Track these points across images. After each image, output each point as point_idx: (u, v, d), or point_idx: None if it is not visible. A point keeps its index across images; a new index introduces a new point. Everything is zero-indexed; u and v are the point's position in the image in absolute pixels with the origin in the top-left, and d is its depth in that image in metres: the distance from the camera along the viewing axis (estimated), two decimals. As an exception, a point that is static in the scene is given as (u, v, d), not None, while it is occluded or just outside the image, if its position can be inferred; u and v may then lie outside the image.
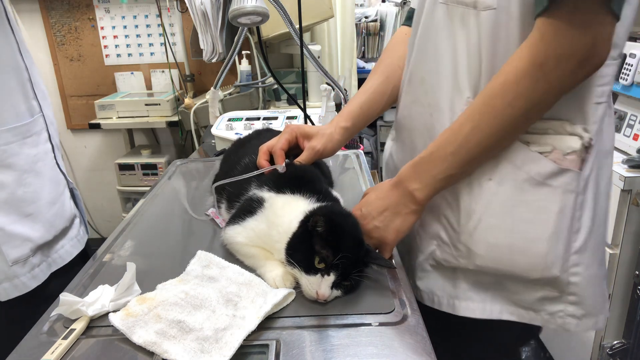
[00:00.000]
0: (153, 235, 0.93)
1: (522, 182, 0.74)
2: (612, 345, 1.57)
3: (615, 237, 1.48)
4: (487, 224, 0.76)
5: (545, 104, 0.69)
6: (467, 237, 0.78)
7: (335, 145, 0.92)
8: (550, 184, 0.73)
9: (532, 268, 0.76)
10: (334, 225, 0.70)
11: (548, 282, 0.77)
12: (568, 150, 0.73)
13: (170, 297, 0.67)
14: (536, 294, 0.79)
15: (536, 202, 0.74)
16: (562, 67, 0.64)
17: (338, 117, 0.95)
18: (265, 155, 0.90)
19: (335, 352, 0.61)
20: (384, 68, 0.97)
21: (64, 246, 1.07)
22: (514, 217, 0.75)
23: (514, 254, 0.76)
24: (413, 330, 0.65)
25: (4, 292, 0.94)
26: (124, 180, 2.69)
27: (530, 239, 0.75)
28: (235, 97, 2.17)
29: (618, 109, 1.61)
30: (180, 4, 2.63)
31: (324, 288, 0.69)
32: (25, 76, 1.01)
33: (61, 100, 2.90)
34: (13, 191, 0.95)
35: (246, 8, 1.24)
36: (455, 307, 0.83)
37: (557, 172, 0.73)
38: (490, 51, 0.73)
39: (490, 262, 0.78)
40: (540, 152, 0.73)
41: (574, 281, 0.76)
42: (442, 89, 0.80)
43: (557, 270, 0.75)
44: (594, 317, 0.79)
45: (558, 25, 0.63)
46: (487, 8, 0.71)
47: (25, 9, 2.73)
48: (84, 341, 0.65)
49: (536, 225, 0.74)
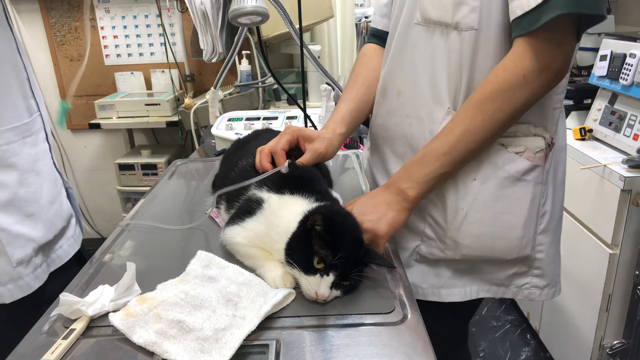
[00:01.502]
0: (153, 235, 0.93)
1: (502, 180, 0.86)
2: (612, 345, 1.57)
3: (615, 237, 1.48)
4: (473, 219, 0.87)
5: (526, 108, 0.80)
6: (454, 232, 0.89)
7: (334, 150, 0.97)
8: (525, 179, 0.86)
9: (510, 251, 0.89)
10: (332, 224, 0.70)
11: (520, 260, 0.91)
12: (537, 149, 0.86)
13: (170, 297, 0.66)
14: (508, 271, 0.93)
15: (514, 195, 0.86)
16: (543, 78, 0.76)
17: (333, 124, 1.00)
18: (267, 157, 0.90)
19: (335, 352, 0.61)
20: (364, 78, 1.05)
21: (62, 246, 1.07)
22: (496, 210, 0.87)
23: (496, 241, 0.88)
24: (413, 330, 0.65)
25: (9, 294, 0.94)
26: (124, 180, 2.69)
27: (509, 226, 0.88)
28: (235, 97, 2.17)
29: (618, 109, 1.61)
30: (180, 4, 2.63)
31: (323, 288, 0.69)
32: (24, 75, 1.00)
33: (61, 100, 2.90)
34: (15, 191, 0.94)
35: (246, 8, 1.24)
36: (440, 295, 0.95)
37: (531, 168, 0.86)
38: (470, 66, 0.83)
39: (475, 251, 0.89)
40: (516, 153, 0.85)
41: (539, 257, 0.92)
42: (421, 101, 0.90)
43: (529, 250, 0.90)
44: (554, 287, 0.96)
45: (538, 44, 0.75)
46: (470, 29, 0.81)
47: (25, 9, 2.73)
48: (84, 341, 0.65)
49: (514, 214, 0.87)
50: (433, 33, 0.86)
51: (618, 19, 2.04)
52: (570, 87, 1.85)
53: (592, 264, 1.59)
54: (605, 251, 1.51)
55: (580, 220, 1.67)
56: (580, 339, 1.69)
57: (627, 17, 2.19)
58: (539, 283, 0.94)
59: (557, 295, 0.97)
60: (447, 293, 0.95)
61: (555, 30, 0.74)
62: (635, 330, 1.48)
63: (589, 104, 1.79)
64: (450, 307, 0.97)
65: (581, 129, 1.69)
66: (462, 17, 0.81)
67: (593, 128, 1.69)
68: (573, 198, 1.71)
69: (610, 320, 1.57)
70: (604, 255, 1.51)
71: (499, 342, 2.19)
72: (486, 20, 0.81)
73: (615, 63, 1.59)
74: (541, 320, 2.02)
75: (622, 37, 1.64)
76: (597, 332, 1.60)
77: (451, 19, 0.83)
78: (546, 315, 1.98)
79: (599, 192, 1.53)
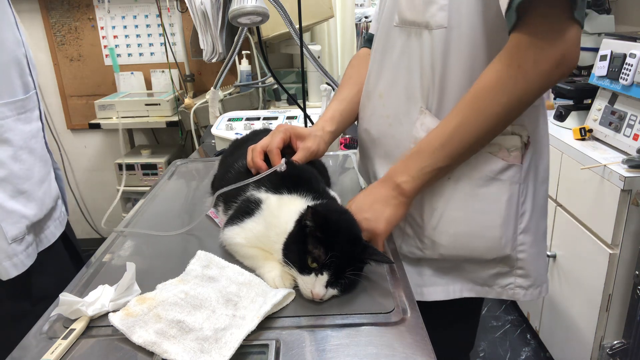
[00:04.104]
0: (153, 235, 0.93)
1: (477, 179, 0.85)
2: (612, 345, 1.57)
3: (615, 237, 1.48)
4: (448, 218, 0.87)
5: (525, 101, 0.77)
6: (431, 231, 0.89)
7: (325, 147, 0.99)
8: (500, 178, 0.85)
9: (489, 251, 0.88)
10: (325, 222, 0.70)
11: (501, 260, 0.90)
12: (512, 148, 0.85)
13: (170, 297, 0.66)
14: (490, 271, 0.91)
15: (489, 195, 0.86)
16: (539, 69, 0.72)
17: (323, 122, 1.01)
18: (260, 155, 0.90)
19: (335, 352, 0.61)
20: (355, 80, 1.06)
21: (49, 226, 1.06)
22: (471, 209, 0.86)
23: (473, 241, 0.88)
24: (413, 330, 0.65)
25: (5, 272, 0.93)
26: (124, 180, 2.68)
27: (486, 226, 0.87)
28: (235, 97, 2.17)
29: (618, 109, 1.61)
30: (180, 4, 2.63)
31: (317, 287, 0.69)
32: (22, 51, 0.99)
33: (61, 100, 2.90)
34: (10, 167, 0.93)
35: (246, 8, 1.24)
36: (423, 294, 0.94)
37: (505, 167, 0.85)
38: (442, 65, 0.83)
39: (453, 250, 0.89)
40: (490, 152, 0.84)
41: (521, 257, 0.90)
42: (399, 100, 0.90)
43: (508, 250, 0.88)
44: (539, 287, 0.93)
45: (529, 36, 0.72)
46: (439, 27, 0.81)
47: (25, 9, 2.73)
48: (83, 341, 0.65)
49: (490, 214, 0.86)
50: (409, 34, 0.87)
51: (618, 19, 2.04)
52: (570, 87, 1.85)
53: (592, 264, 1.59)
54: (605, 251, 1.51)
55: (580, 220, 1.67)
56: (580, 339, 1.69)
57: (627, 17, 2.19)
58: (523, 283, 0.92)
59: (544, 295, 0.95)
60: (429, 292, 0.94)
61: (547, 18, 0.71)
62: (635, 330, 1.48)
63: (589, 104, 1.79)
64: (453, 314, 0.97)
65: (581, 129, 1.69)
66: (431, 15, 0.82)
67: (593, 128, 1.69)
68: (573, 198, 1.71)
69: (610, 320, 1.57)
70: (604, 255, 1.51)
71: (499, 342, 2.19)
72: (456, 18, 0.80)
73: (615, 63, 1.59)
74: (541, 320, 2.02)
75: (622, 37, 1.64)
76: (597, 332, 1.60)
77: (422, 18, 0.83)
78: (546, 315, 1.98)
79: (599, 192, 1.53)
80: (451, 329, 1.01)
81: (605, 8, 1.87)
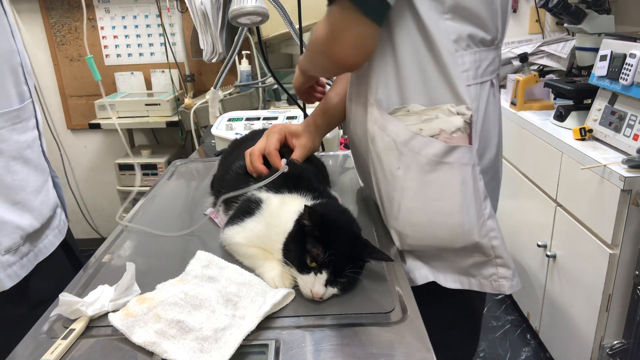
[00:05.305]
0: (153, 235, 0.93)
1: (424, 165, 0.83)
2: (612, 345, 1.57)
3: (615, 237, 1.48)
4: (406, 207, 0.85)
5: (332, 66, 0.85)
6: (394, 222, 0.87)
7: (319, 141, 1.03)
8: (447, 162, 0.82)
9: (454, 238, 0.84)
10: (320, 219, 0.70)
11: (474, 248, 0.85)
12: (453, 129, 0.82)
13: (169, 297, 0.67)
14: (468, 260, 0.88)
15: (440, 180, 0.83)
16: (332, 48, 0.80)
17: (314, 117, 1.04)
18: (259, 159, 0.90)
19: (335, 352, 0.61)
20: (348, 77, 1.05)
21: (48, 236, 1.05)
22: (426, 196, 0.84)
23: (435, 229, 0.84)
24: (413, 329, 0.65)
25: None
26: (124, 180, 2.69)
27: (444, 212, 0.83)
28: (235, 97, 2.17)
29: (618, 109, 1.61)
30: (180, 4, 2.63)
31: (317, 286, 0.69)
32: (17, 60, 0.98)
33: (61, 100, 2.90)
34: (1, 178, 0.92)
35: (246, 8, 1.24)
36: (412, 280, 0.90)
37: (449, 149, 0.82)
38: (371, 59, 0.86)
39: (419, 240, 0.86)
40: (431, 136, 0.83)
41: (495, 244, 0.85)
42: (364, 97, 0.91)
43: (476, 236, 0.84)
44: (516, 277, 0.89)
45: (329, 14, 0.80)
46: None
47: (25, 9, 2.73)
48: (83, 341, 0.65)
49: (445, 200, 0.83)
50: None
51: (618, 19, 2.04)
52: (570, 87, 1.84)
53: (592, 264, 1.59)
54: (605, 251, 1.51)
55: (580, 220, 1.67)
56: (580, 339, 1.69)
57: (627, 17, 2.19)
58: (506, 273, 0.88)
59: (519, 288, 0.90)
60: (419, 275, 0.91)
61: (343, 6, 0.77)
62: (635, 330, 1.48)
63: (589, 104, 1.78)
64: (453, 314, 0.96)
65: (581, 129, 1.69)
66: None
67: (593, 128, 1.69)
68: (573, 198, 1.71)
69: (610, 320, 1.57)
70: (604, 255, 1.51)
71: (499, 342, 2.19)
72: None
73: (615, 63, 1.59)
74: (541, 320, 2.02)
75: (622, 37, 1.64)
76: (597, 332, 1.60)
77: None
78: (546, 315, 1.98)
79: (599, 192, 1.53)
80: (452, 331, 1.00)
81: (605, 8, 1.86)
